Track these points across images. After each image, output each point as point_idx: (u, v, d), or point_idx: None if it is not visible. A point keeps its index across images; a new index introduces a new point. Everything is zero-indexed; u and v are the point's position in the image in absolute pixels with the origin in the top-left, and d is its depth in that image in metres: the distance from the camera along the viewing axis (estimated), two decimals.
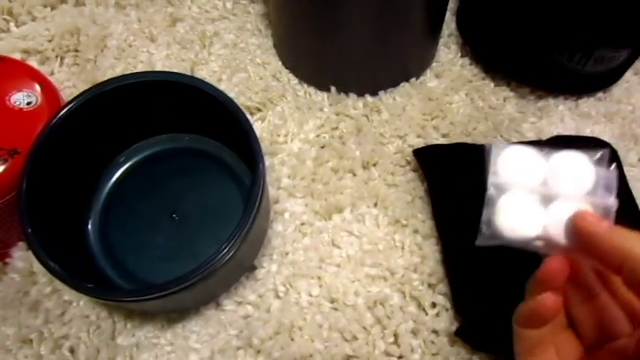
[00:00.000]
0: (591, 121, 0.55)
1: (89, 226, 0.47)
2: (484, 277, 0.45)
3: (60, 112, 0.42)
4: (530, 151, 0.36)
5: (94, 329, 0.44)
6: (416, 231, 0.49)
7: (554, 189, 0.35)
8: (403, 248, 0.48)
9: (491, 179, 0.36)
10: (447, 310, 0.45)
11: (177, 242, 0.47)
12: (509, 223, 0.35)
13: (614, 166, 0.35)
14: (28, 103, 0.45)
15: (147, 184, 0.49)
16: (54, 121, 0.42)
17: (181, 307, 0.44)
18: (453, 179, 0.49)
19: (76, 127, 0.44)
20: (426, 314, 0.45)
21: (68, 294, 0.46)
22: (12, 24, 0.60)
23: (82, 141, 0.45)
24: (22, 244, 0.47)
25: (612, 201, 0.34)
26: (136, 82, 0.44)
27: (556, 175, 0.35)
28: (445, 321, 0.45)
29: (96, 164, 0.48)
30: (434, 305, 0.46)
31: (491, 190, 0.36)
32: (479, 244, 0.36)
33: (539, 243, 0.35)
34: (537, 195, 0.35)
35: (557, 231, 0.33)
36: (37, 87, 0.46)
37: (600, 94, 0.57)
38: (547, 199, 0.35)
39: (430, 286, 0.46)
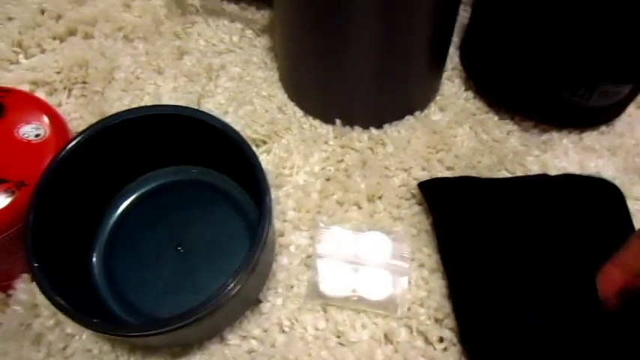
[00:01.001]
0: (595, 155, 0.56)
1: (93, 259, 0.47)
2: (492, 309, 0.45)
3: (68, 144, 0.43)
4: (347, 232, 0.48)
5: None
6: (422, 265, 0.48)
7: (362, 259, 0.47)
8: (410, 282, 0.47)
9: (316, 250, 0.47)
10: (454, 344, 0.45)
11: (182, 275, 0.46)
12: (328, 283, 0.46)
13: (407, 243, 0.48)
14: (37, 136, 0.45)
15: (152, 216, 0.49)
16: (62, 154, 0.42)
17: (185, 341, 0.44)
18: (459, 213, 0.49)
19: (84, 160, 0.44)
20: (434, 349, 0.45)
21: (71, 327, 0.45)
22: (21, 56, 0.61)
23: (88, 173, 0.45)
24: (25, 276, 0.47)
25: (406, 267, 0.47)
26: (144, 116, 0.45)
27: (364, 249, 0.47)
28: (453, 355, 0.44)
29: (101, 196, 0.48)
30: (441, 340, 0.45)
31: (314, 259, 0.47)
32: (305, 304, 0.46)
33: (353, 299, 0.45)
34: (350, 263, 0.47)
35: (366, 290, 0.46)
36: (46, 119, 0.46)
37: (604, 128, 0.57)
38: (357, 266, 0.47)
39: (437, 320, 0.46)
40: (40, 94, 0.58)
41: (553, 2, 0.48)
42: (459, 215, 0.49)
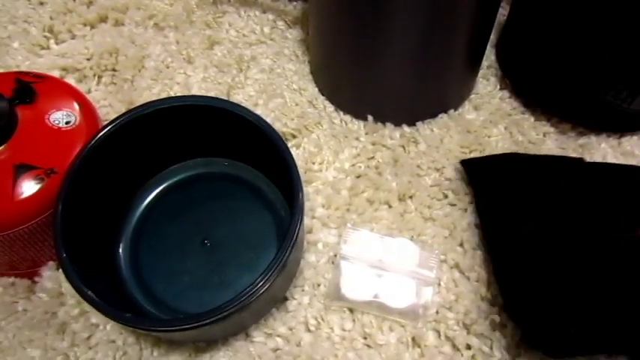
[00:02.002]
0: (634, 160, 0.54)
1: (120, 250, 0.46)
2: (539, 285, 0.43)
3: (99, 133, 0.42)
4: (374, 235, 0.47)
5: (120, 355, 0.43)
6: (453, 267, 0.47)
7: (387, 265, 0.46)
8: (439, 284, 0.46)
9: (341, 251, 0.46)
10: (483, 353, 0.44)
11: (208, 269, 0.46)
12: (349, 285, 0.45)
13: (435, 252, 0.46)
14: (67, 123, 0.44)
15: (179, 208, 0.48)
16: (92, 142, 0.42)
17: (210, 337, 0.43)
18: (502, 191, 0.48)
19: (114, 149, 0.43)
20: (462, 355, 0.44)
21: (95, 317, 0.45)
22: (52, 41, 0.60)
23: (118, 163, 0.44)
24: (51, 264, 0.47)
25: (432, 277, 0.45)
26: (176, 106, 0.44)
27: (390, 255, 0.46)
28: None
29: (129, 186, 0.48)
30: (469, 347, 0.44)
31: (339, 259, 0.46)
32: (327, 304, 0.45)
33: (374, 305, 0.44)
34: (374, 267, 0.46)
35: (388, 296, 0.45)
36: (77, 106, 0.46)
37: None
38: (381, 272, 0.46)
39: (465, 326, 0.45)
40: (70, 80, 0.57)
41: (594, 2, 0.46)
42: (503, 195, 0.48)
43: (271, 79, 0.58)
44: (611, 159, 0.54)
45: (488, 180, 0.49)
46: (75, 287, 0.36)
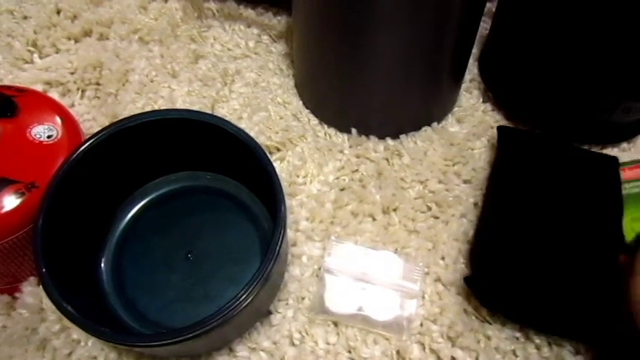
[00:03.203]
0: None
1: (102, 264, 0.46)
2: (510, 242, 0.46)
3: (80, 147, 0.42)
4: (358, 248, 0.47)
5: None
6: (437, 279, 0.47)
7: (372, 278, 0.46)
8: (424, 297, 0.46)
9: (325, 264, 0.46)
10: None
11: (192, 283, 0.45)
12: (333, 298, 0.45)
13: (419, 265, 0.47)
14: (49, 137, 0.44)
15: (163, 222, 0.48)
16: (74, 156, 0.42)
17: (193, 352, 0.43)
18: (527, 167, 0.50)
19: (96, 163, 0.43)
20: None
21: (77, 333, 0.44)
22: (36, 55, 0.60)
23: (100, 176, 0.44)
24: (32, 279, 0.46)
25: (416, 289, 0.46)
26: (158, 120, 0.44)
27: (374, 268, 0.46)
28: None
29: (112, 200, 0.48)
30: (453, 359, 0.44)
31: (323, 272, 0.46)
32: (311, 318, 0.45)
33: (358, 318, 0.44)
34: (358, 280, 0.46)
35: (373, 309, 0.45)
36: (59, 120, 0.46)
37: (625, 145, 0.56)
38: (365, 285, 0.46)
39: (449, 339, 0.45)
40: (54, 94, 0.57)
41: (574, 17, 0.47)
42: (521, 166, 0.50)
43: (256, 92, 0.58)
44: None
45: (516, 150, 0.51)
46: (54, 302, 0.36)
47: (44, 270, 0.37)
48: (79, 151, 0.42)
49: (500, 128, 0.54)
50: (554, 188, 0.48)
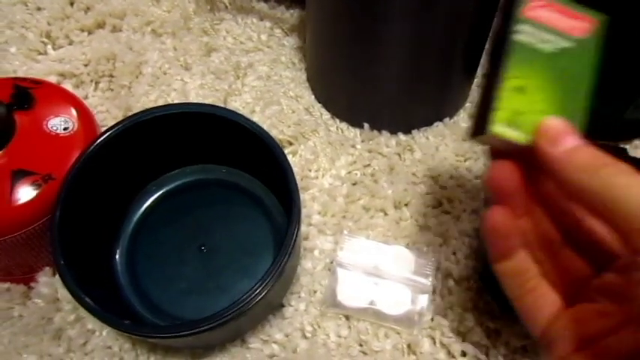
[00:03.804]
0: None
1: (117, 256, 0.46)
2: None
3: (97, 139, 0.42)
4: (370, 243, 0.48)
5: None
6: (447, 275, 0.47)
7: (383, 272, 0.46)
8: (434, 292, 0.47)
9: (337, 258, 0.47)
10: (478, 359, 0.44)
11: (204, 275, 0.46)
12: (345, 292, 0.45)
13: (431, 260, 0.47)
14: (65, 129, 0.44)
15: (176, 214, 0.48)
16: (91, 148, 0.42)
17: (207, 343, 0.43)
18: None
19: (112, 156, 0.43)
20: None
21: (91, 323, 0.45)
22: (49, 47, 0.61)
23: (115, 169, 0.45)
24: (47, 269, 0.47)
25: (428, 284, 0.46)
26: (174, 113, 0.44)
27: (385, 262, 0.47)
28: None
29: (126, 193, 0.48)
30: (464, 354, 0.44)
31: (335, 266, 0.47)
32: (323, 311, 0.45)
33: (370, 312, 0.45)
34: (370, 275, 0.46)
35: (384, 303, 0.45)
36: (74, 113, 0.46)
37: (637, 142, 0.56)
38: (377, 279, 0.46)
39: (460, 333, 0.45)
40: (67, 86, 0.58)
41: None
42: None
43: (268, 86, 0.58)
44: None
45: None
46: (73, 294, 0.36)
47: (62, 262, 0.37)
48: (95, 144, 0.42)
49: None
50: None
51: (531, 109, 0.32)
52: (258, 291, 0.37)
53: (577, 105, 0.34)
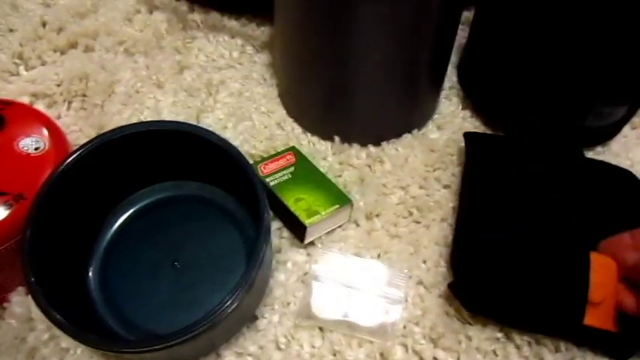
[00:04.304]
0: None
1: (90, 273, 0.47)
2: (488, 245, 0.47)
3: (67, 159, 0.43)
4: (344, 256, 0.49)
5: None
6: (418, 283, 0.48)
7: (357, 284, 0.47)
8: (406, 300, 0.47)
9: (312, 271, 0.48)
10: None
11: (178, 290, 0.46)
12: (320, 304, 0.46)
13: (406, 271, 0.48)
14: (36, 149, 0.45)
15: (149, 231, 0.49)
16: (61, 167, 0.42)
17: (181, 358, 0.43)
18: (494, 168, 0.51)
19: (83, 174, 0.44)
20: None
21: (66, 342, 0.45)
22: (22, 67, 0.61)
23: (87, 187, 0.45)
24: (20, 289, 0.47)
25: (401, 296, 0.47)
26: (144, 131, 0.45)
27: (359, 275, 0.47)
28: None
29: (99, 210, 0.48)
30: None
31: (310, 279, 0.47)
32: (297, 323, 0.46)
33: (344, 324, 0.45)
34: (344, 287, 0.47)
35: (358, 315, 0.46)
36: (46, 132, 0.46)
37: (599, 148, 0.58)
38: (351, 292, 0.47)
39: (432, 340, 0.46)
40: (40, 106, 0.58)
41: (548, 25, 0.48)
42: (494, 171, 0.51)
43: (240, 102, 0.59)
44: None
45: (483, 154, 0.53)
46: (43, 310, 0.37)
47: (32, 279, 0.37)
48: (65, 163, 0.43)
49: (466, 134, 0.55)
50: (526, 187, 0.50)
51: None
52: (228, 303, 0.37)
53: None
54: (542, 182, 0.50)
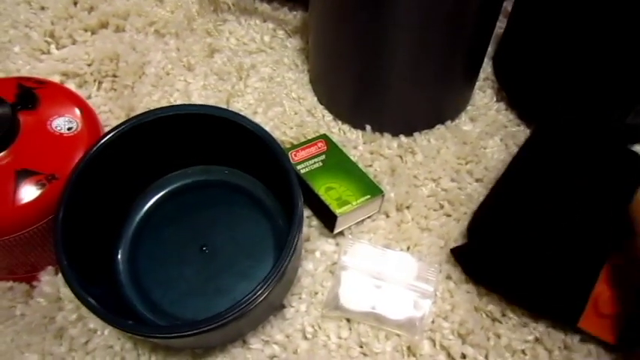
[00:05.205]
0: None
1: (119, 256, 0.47)
2: (507, 220, 0.47)
3: (101, 140, 0.43)
4: (374, 248, 0.48)
5: None
6: (449, 277, 0.48)
7: (386, 277, 0.46)
8: (435, 294, 0.47)
9: (341, 262, 0.47)
10: None
11: (205, 276, 0.46)
12: (348, 296, 0.46)
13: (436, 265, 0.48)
14: (69, 129, 0.45)
15: (178, 215, 0.48)
16: (94, 148, 0.42)
17: (208, 344, 0.44)
18: (550, 151, 0.50)
19: (115, 156, 0.44)
20: None
21: (93, 322, 0.45)
22: (53, 46, 0.61)
23: (119, 169, 0.45)
24: (50, 269, 0.47)
25: (431, 290, 0.46)
26: (177, 115, 0.44)
27: (389, 267, 0.47)
28: None
29: (129, 193, 0.48)
30: (464, 357, 0.45)
31: (338, 270, 0.47)
32: (325, 314, 0.45)
33: (371, 316, 0.45)
34: (373, 279, 0.46)
35: (386, 308, 0.45)
36: (78, 113, 0.46)
37: (638, 147, 0.56)
38: (380, 283, 0.46)
39: (460, 336, 0.45)
40: (71, 85, 0.58)
41: (589, 20, 0.47)
42: (543, 148, 0.50)
43: (271, 87, 0.58)
44: None
45: (556, 138, 0.51)
46: (76, 294, 0.37)
47: (65, 262, 0.37)
48: (99, 145, 0.42)
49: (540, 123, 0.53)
50: (568, 176, 0.48)
51: None
52: (259, 293, 0.37)
53: None
54: (588, 176, 0.49)
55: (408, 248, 0.49)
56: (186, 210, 0.49)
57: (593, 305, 0.43)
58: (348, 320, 0.46)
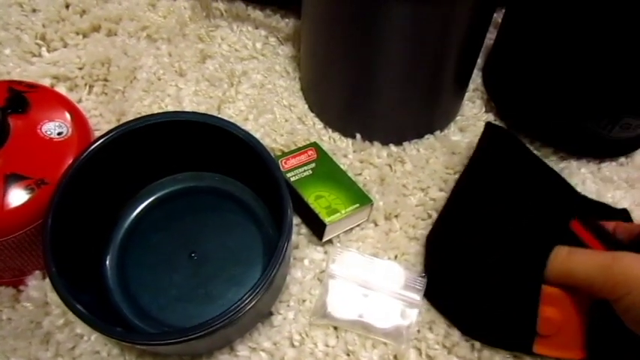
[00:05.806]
0: (613, 186, 0.55)
1: (107, 261, 0.47)
2: (465, 248, 0.47)
3: (91, 145, 0.43)
4: (362, 256, 0.48)
5: None
6: None
7: (374, 285, 0.47)
8: (420, 311, 0.47)
9: (329, 270, 0.47)
10: None
11: (194, 282, 0.46)
12: (336, 304, 0.46)
13: (423, 275, 0.48)
14: (59, 134, 0.45)
15: (168, 221, 0.48)
16: (85, 154, 0.42)
17: (196, 351, 0.44)
18: (498, 171, 0.50)
19: (105, 162, 0.44)
20: None
21: (80, 328, 0.45)
22: (44, 49, 0.61)
23: (108, 175, 0.45)
24: (37, 273, 0.47)
25: (418, 299, 0.46)
26: (167, 121, 0.45)
27: (376, 276, 0.47)
28: None
29: (118, 198, 0.48)
30: None
31: (326, 278, 0.47)
32: (312, 322, 0.46)
33: (359, 325, 0.45)
34: (360, 288, 0.47)
35: (373, 317, 0.45)
36: (69, 117, 0.46)
37: (623, 160, 0.57)
38: (367, 292, 0.47)
39: (445, 347, 0.46)
40: (61, 89, 0.58)
41: (581, 33, 0.47)
42: (497, 172, 0.50)
43: (262, 94, 0.59)
44: (590, 184, 0.55)
45: (490, 148, 0.52)
46: (64, 300, 0.37)
47: (53, 268, 0.37)
48: (89, 150, 0.42)
49: (488, 125, 0.53)
50: (511, 196, 0.49)
51: None
52: (247, 301, 0.37)
53: None
54: (526, 206, 0.48)
55: (396, 257, 0.49)
56: (176, 216, 0.49)
57: (544, 328, 0.42)
58: (336, 328, 0.46)
